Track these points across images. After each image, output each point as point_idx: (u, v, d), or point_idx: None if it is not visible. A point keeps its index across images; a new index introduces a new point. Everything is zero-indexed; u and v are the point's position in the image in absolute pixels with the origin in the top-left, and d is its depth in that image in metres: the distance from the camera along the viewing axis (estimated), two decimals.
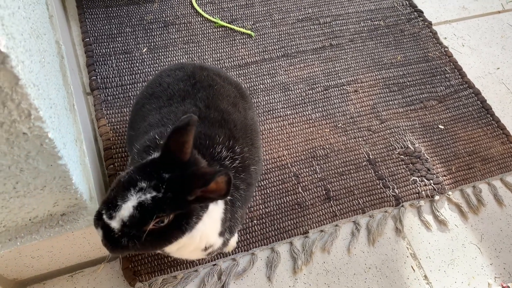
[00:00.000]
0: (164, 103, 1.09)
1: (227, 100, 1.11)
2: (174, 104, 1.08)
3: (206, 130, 1.01)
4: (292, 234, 1.42)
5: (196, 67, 1.19)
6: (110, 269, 1.31)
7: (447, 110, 1.79)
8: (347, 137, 1.65)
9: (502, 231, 1.50)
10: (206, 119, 1.03)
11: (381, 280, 1.37)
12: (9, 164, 0.84)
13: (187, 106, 1.06)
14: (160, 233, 0.81)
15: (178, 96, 1.09)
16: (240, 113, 1.13)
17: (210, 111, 1.05)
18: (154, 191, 0.78)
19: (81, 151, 1.19)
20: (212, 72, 1.20)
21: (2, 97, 0.70)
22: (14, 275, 1.21)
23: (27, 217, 1.03)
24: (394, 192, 1.53)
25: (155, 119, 1.08)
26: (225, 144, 1.01)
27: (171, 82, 1.14)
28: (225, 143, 1.01)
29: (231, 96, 1.15)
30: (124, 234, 0.79)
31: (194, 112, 1.04)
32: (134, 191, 0.79)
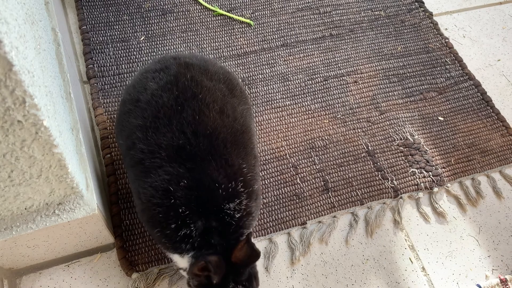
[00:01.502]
0: (150, 122, 1.06)
1: (214, 109, 1.07)
2: (160, 128, 1.05)
3: (203, 180, 1.01)
4: (290, 225, 1.41)
5: (181, 67, 1.14)
6: (107, 259, 1.31)
7: (447, 102, 1.77)
8: (346, 128, 1.64)
9: (500, 224, 1.50)
10: (196, 154, 1.02)
11: (378, 271, 1.36)
12: (4, 152, 0.83)
13: (175, 133, 1.03)
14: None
15: (164, 116, 1.05)
16: (229, 117, 1.10)
17: (199, 139, 1.03)
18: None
19: (78, 140, 1.18)
20: (198, 70, 1.15)
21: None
22: (9, 265, 1.21)
23: (22, 206, 1.02)
24: (393, 183, 1.53)
25: (144, 149, 1.05)
26: (229, 191, 1.03)
27: (155, 91, 1.09)
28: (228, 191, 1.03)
29: (218, 100, 1.10)
30: None
31: (183, 145, 1.02)
32: None
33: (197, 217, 1.01)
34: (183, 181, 1.00)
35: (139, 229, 1.34)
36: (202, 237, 1.01)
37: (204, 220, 1.01)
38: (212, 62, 1.24)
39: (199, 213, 1.01)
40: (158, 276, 1.28)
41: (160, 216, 1.01)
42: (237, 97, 1.20)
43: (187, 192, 1.00)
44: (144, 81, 1.15)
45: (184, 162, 1.01)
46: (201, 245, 1.02)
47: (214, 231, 1.02)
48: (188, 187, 1.00)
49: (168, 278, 1.29)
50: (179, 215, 1.00)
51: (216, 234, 1.02)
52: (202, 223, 1.01)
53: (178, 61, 1.16)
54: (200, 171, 1.01)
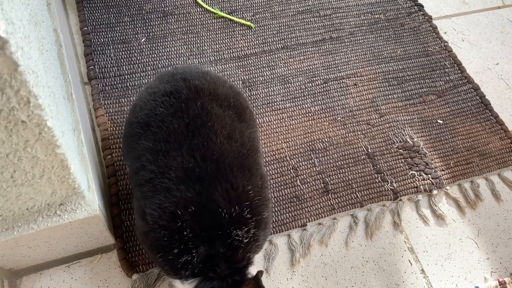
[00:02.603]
0: (161, 146, 1.06)
1: (222, 135, 1.08)
2: (171, 151, 1.05)
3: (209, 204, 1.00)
4: (290, 226, 1.42)
5: (191, 92, 1.12)
6: (108, 260, 1.31)
7: (446, 105, 1.78)
8: (346, 131, 1.64)
9: (499, 226, 1.51)
10: (204, 177, 1.02)
11: (378, 273, 1.37)
12: (7, 152, 0.83)
13: (186, 157, 1.03)
14: None
15: (174, 141, 1.06)
16: (236, 143, 1.10)
17: (207, 163, 1.03)
18: None
19: (79, 140, 1.18)
20: (208, 96, 1.14)
21: (1, 83, 0.69)
22: (10, 265, 1.21)
23: (24, 207, 1.02)
24: (393, 186, 1.53)
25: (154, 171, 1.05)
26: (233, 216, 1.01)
27: (165, 117, 1.09)
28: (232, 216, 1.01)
29: (226, 126, 1.10)
30: None
31: (193, 168, 1.02)
32: None
33: (200, 242, 0.99)
34: (191, 207, 0.99)
35: None
36: (204, 263, 0.99)
37: (207, 246, 0.99)
38: (221, 82, 1.22)
39: (202, 239, 0.99)
40: (159, 277, 1.28)
41: (165, 239, 0.99)
42: (246, 122, 1.19)
43: (194, 216, 0.99)
44: (153, 104, 1.13)
45: (193, 184, 1.01)
46: (202, 272, 1.00)
47: (220, 258, 1.00)
48: (195, 212, 0.99)
49: (168, 279, 1.29)
50: (182, 239, 0.98)
51: (223, 262, 1.00)
52: (205, 249, 0.99)
53: (188, 85, 1.14)
54: (206, 195, 1.00)
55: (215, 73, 1.28)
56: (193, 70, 1.23)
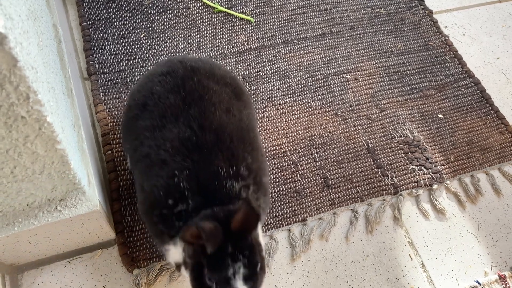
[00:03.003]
0: (158, 121, 1.07)
1: (220, 108, 1.09)
2: (167, 125, 1.06)
3: (208, 166, 1.00)
4: (291, 221, 1.42)
5: (187, 70, 1.14)
6: (108, 255, 1.31)
7: (447, 100, 1.78)
8: (346, 126, 1.64)
9: (499, 220, 1.51)
10: (203, 145, 1.02)
11: (378, 268, 1.37)
12: (7, 148, 0.83)
13: (181, 128, 1.04)
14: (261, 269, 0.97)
15: (171, 115, 1.07)
16: (235, 117, 1.11)
17: (205, 132, 1.03)
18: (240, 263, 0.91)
19: (79, 136, 1.18)
20: (205, 74, 1.15)
21: (0, 79, 0.69)
22: (11, 260, 1.21)
23: (25, 202, 1.02)
24: (393, 180, 1.53)
25: (151, 145, 1.06)
26: (231, 174, 1.01)
27: (162, 94, 1.10)
28: (231, 173, 1.01)
29: (224, 100, 1.12)
30: None
31: (190, 137, 1.02)
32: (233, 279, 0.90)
33: (197, 194, 0.98)
34: (186, 170, 0.99)
35: (140, 225, 1.34)
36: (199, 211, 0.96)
37: (204, 197, 0.98)
38: (218, 65, 1.24)
39: (199, 191, 0.98)
40: (160, 272, 1.28)
41: (161, 194, 0.99)
42: (243, 102, 1.21)
43: (191, 175, 0.99)
44: (150, 84, 1.14)
45: (190, 153, 1.01)
46: None
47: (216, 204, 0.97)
48: (192, 173, 0.99)
49: (169, 274, 1.29)
50: (178, 190, 0.98)
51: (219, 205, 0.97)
52: (201, 199, 0.97)
53: (184, 65, 1.16)
54: (205, 162, 1.00)
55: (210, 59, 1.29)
56: (189, 56, 1.24)
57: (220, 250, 0.90)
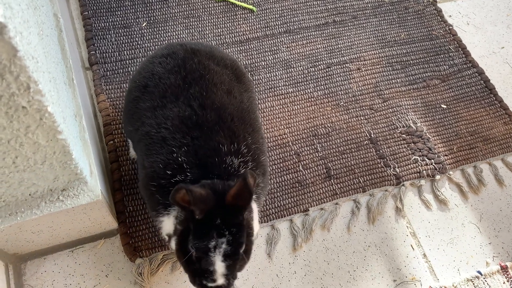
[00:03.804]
0: (158, 102, 1.08)
1: (221, 89, 1.09)
2: (168, 105, 1.06)
3: (208, 143, 1.01)
4: (292, 211, 1.42)
5: (188, 52, 1.15)
6: (111, 245, 1.31)
7: (450, 90, 1.77)
8: (349, 116, 1.63)
9: (501, 211, 1.50)
10: (203, 124, 1.02)
11: (380, 258, 1.37)
12: (9, 138, 0.83)
13: (182, 107, 1.04)
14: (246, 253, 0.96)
15: (171, 94, 1.07)
16: (236, 98, 1.11)
17: (206, 111, 1.04)
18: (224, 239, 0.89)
19: (81, 126, 1.18)
20: (205, 56, 1.16)
21: (0, 69, 0.68)
22: (14, 250, 1.22)
23: (27, 192, 1.03)
24: (395, 171, 1.53)
25: (152, 124, 1.06)
26: (232, 150, 1.02)
27: (162, 74, 1.11)
28: (231, 150, 1.02)
29: (225, 82, 1.12)
30: (229, 281, 0.93)
31: (190, 116, 1.02)
32: (213, 252, 0.89)
33: (196, 167, 0.98)
34: (185, 147, 1.00)
35: (142, 215, 1.34)
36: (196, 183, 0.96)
37: (202, 170, 0.98)
38: (218, 49, 1.25)
39: (199, 165, 0.99)
40: (162, 261, 1.29)
41: (160, 166, 1.00)
42: (244, 84, 1.21)
43: (189, 151, 1.00)
44: (151, 66, 1.15)
45: (190, 131, 1.02)
46: None
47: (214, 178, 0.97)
48: (192, 149, 1.00)
49: (171, 263, 1.30)
50: (177, 162, 0.99)
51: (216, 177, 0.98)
52: (199, 172, 0.97)
53: (185, 47, 1.17)
54: (206, 138, 1.01)
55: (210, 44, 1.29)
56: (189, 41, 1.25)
57: (209, 220, 0.90)
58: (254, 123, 1.13)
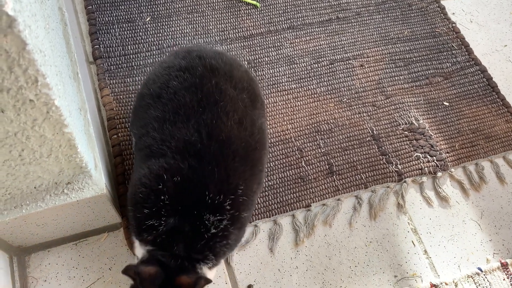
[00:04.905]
0: (169, 116, 1.06)
1: (233, 119, 1.06)
2: (178, 123, 1.04)
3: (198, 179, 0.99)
4: (295, 207, 1.43)
5: (206, 69, 1.11)
6: (114, 238, 1.32)
7: (453, 87, 1.77)
8: (351, 112, 1.64)
9: (502, 208, 1.51)
10: (204, 154, 1.01)
11: (381, 254, 1.38)
12: (16, 131, 0.84)
13: (190, 130, 1.03)
14: None
15: (184, 114, 1.05)
16: (246, 130, 1.08)
17: (211, 142, 1.02)
18: None
19: (86, 120, 1.19)
20: (223, 76, 1.11)
21: (9, 62, 0.69)
22: (19, 242, 1.22)
23: (32, 185, 1.03)
24: (397, 167, 1.54)
25: (156, 138, 1.06)
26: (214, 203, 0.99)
27: (178, 90, 1.08)
28: (214, 202, 0.99)
29: (239, 110, 1.08)
30: None
31: (194, 142, 1.01)
32: None
33: (173, 214, 0.98)
34: (178, 177, 0.98)
35: None
36: (167, 236, 0.97)
37: (177, 220, 0.97)
38: (237, 65, 1.20)
39: (176, 211, 0.98)
40: None
41: (141, 196, 0.99)
42: (258, 109, 1.18)
43: (177, 187, 0.98)
44: (167, 77, 1.12)
45: (189, 157, 1.00)
46: (163, 244, 0.98)
47: (182, 237, 0.97)
48: (180, 184, 0.98)
49: None
50: (157, 203, 0.97)
51: (182, 242, 0.98)
52: (173, 222, 0.97)
53: (204, 62, 1.12)
54: (199, 173, 0.99)
55: (230, 55, 1.25)
56: (208, 49, 1.21)
57: None
58: (256, 165, 1.10)
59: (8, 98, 0.76)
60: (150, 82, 1.18)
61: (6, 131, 0.84)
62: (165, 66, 1.17)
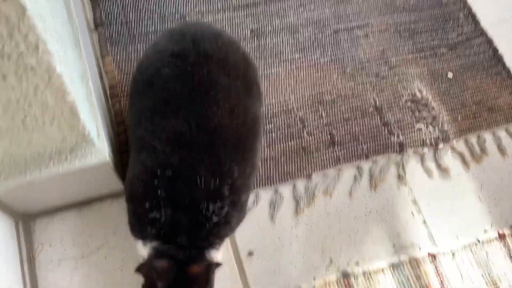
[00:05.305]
0: (159, 107, 1.06)
1: (224, 108, 1.05)
2: (167, 114, 1.05)
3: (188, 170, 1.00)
4: (296, 176, 1.44)
5: (200, 57, 1.09)
6: (118, 205, 1.34)
7: (458, 58, 1.75)
8: (355, 83, 1.63)
9: (502, 181, 1.52)
10: (194, 144, 1.02)
11: (381, 223, 1.40)
12: (18, 98, 0.84)
13: (180, 121, 1.03)
14: None
15: (173, 103, 1.05)
16: (238, 118, 1.07)
17: (200, 133, 1.02)
18: None
19: (88, 88, 1.19)
20: (217, 64, 1.10)
21: (9, 27, 0.69)
22: (24, 208, 1.25)
23: (36, 152, 1.04)
24: (399, 138, 1.54)
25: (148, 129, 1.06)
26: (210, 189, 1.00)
27: (169, 78, 1.08)
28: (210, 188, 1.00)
29: (231, 98, 1.08)
30: None
31: (184, 133, 1.01)
32: None
33: (170, 204, 0.99)
34: (170, 170, 0.99)
35: None
36: (170, 228, 0.99)
37: (174, 211, 0.99)
38: (234, 49, 1.18)
39: (172, 202, 0.99)
40: None
41: (139, 191, 1.02)
42: (253, 97, 1.17)
43: (170, 179, 0.99)
44: (159, 64, 1.11)
45: (179, 149, 1.01)
46: (166, 237, 1.00)
47: (183, 228, 0.99)
48: (173, 176, 0.99)
49: None
50: (155, 196, 0.99)
51: (185, 233, 0.99)
52: (171, 213, 0.99)
53: (198, 48, 1.10)
54: (189, 163, 1.01)
55: (229, 37, 1.23)
56: (205, 30, 1.18)
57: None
58: (249, 150, 1.10)
59: (9, 64, 0.76)
60: (143, 67, 1.17)
61: (8, 98, 0.84)
62: (158, 50, 1.15)
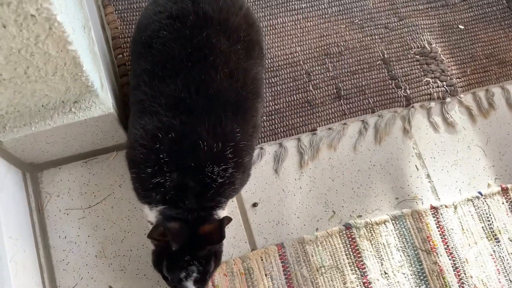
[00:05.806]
0: (158, 70, 1.05)
1: (223, 72, 1.04)
2: (166, 79, 1.03)
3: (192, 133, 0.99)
4: (300, 131, 1.43)
5: (199, 19, 1.06)
6: (123, 157, 1.35)
7: (470, 9, 1.69)
8: (363, 34, 1.59)
9: (509, 135, 1.51)
10: (193, 109, 1.01)
11: (384, 177, 1.41)
12: (19, 47, 0.83)
13: (179, 86, 1.02)
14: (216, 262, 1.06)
15: (172, 67, 1.04)
16: (237, 82, 1.06)
17: (199, 97, 1.01)
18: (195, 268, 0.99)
19: (90, 38, 1.17)
20: (217, 26, 1.07)
21: None
22: (31, 159, 1.26)
23: (40, 103, 1.04)
24: (406, 92, 1.52)
25: (147, 93, 1.05)
26: (213, 152, 1.00)
27: (167, 41, 1.05)
28: (212, 151, 1.00)
29: (230, 62, 1.06)
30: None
31: (183, 98, 1.01)
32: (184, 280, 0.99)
33: (175, 168, 0.99)
34: (172, 133, 0.99)
35: None
36: (176, 192, 1.00)
37: (180, 175, 0.99)
38: (235, 10, 1.13)
39: (177, 165, 0.99)
40: None
41: (141, 157, 1.01)
42: (254, 59, 1.14)
43: (173, 143, 0.99)
44: (157, 25, 1.08)
45: (180, 114, 1.01)
46: (172, 201, 1.01)
47: (190, 191, 1.00)
48: (175, 139, 0.99)
49: None
50: (158, 160, 0.99)
51: (192, 195, 1.00)
52: (177, 176, 0.99)
53: (197, 9, 1.07)
54: (191, 126, 1.00)
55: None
56: None
57: (181, 252, 0.98)
58: (249, 112, 1.09)
59: (8, 12, 0.74)
60: (142, 27, 1.15)
61: (10, 48, 0.83)
62: (157, 11, 1.12)
